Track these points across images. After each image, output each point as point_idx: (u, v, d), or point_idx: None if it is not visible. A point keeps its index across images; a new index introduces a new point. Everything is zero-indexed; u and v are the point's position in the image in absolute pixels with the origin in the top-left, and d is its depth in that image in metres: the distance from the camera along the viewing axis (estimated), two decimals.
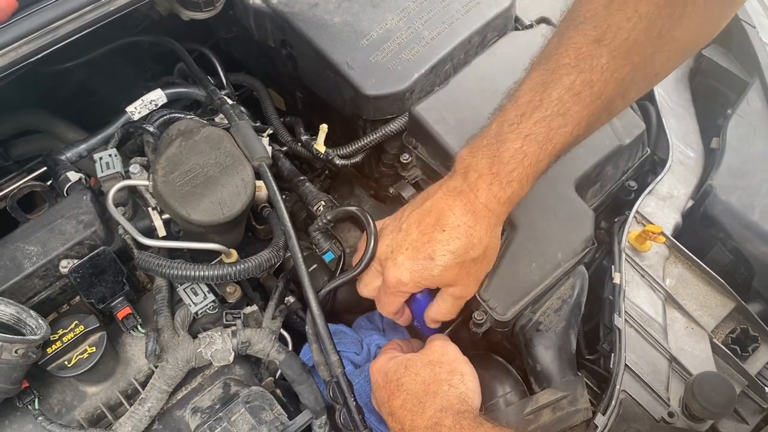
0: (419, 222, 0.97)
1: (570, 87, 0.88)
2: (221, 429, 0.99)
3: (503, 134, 0.91)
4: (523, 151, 0.90)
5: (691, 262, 1.17)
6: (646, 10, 0.84)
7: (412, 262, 0.97)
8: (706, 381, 0.97)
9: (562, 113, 0.89)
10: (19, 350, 0.89)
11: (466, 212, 0.94)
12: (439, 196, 0.96)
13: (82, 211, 1.08)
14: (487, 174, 0.92)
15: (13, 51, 0.97)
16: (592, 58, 0.87)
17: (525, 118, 0.90)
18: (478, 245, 0.95)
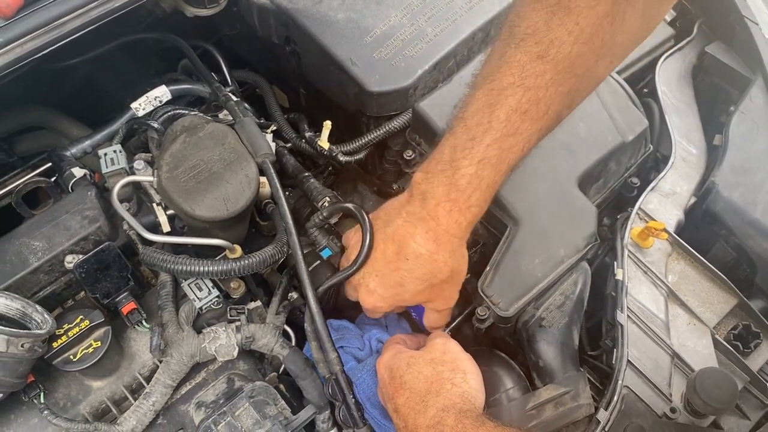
0: (383, 250, 0.99)
1: (517, 107, 0.87)
2: (225, 423, 1.00)
3: (457, 160, 0.91)
4: (478, 176, 0.90)
5: (694, 259, 1.18)
6: (587, 21, 0.83)
7: (384, 289, 1.00)
8: (708, 377, 0.97)
9: (512, 133, 0.89)
10: (25, 344, 0.90)
11: (428, 240, 0.94)
12: (399, 222, 0.97)
13: (87, 206, 1.08)
14: (445, 201, 0.92)
15: (19, 47, 0.97)
16: (536, 76, 0.86)
17: (476, 142, 0.89)
18: (443, 269, 0.97)
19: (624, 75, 1.40)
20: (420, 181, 0.95)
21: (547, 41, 0.85)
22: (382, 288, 1.00)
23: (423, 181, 0.95)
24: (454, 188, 0.91)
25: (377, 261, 1.00)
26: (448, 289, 1.02)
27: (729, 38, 1.46)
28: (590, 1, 0.82)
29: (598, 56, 0.88)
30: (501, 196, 1.13)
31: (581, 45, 0.85)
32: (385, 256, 0.99)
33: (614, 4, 0.83)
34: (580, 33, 0.84)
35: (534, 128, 0.90)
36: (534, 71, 0.86)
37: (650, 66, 1.46)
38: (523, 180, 1.15)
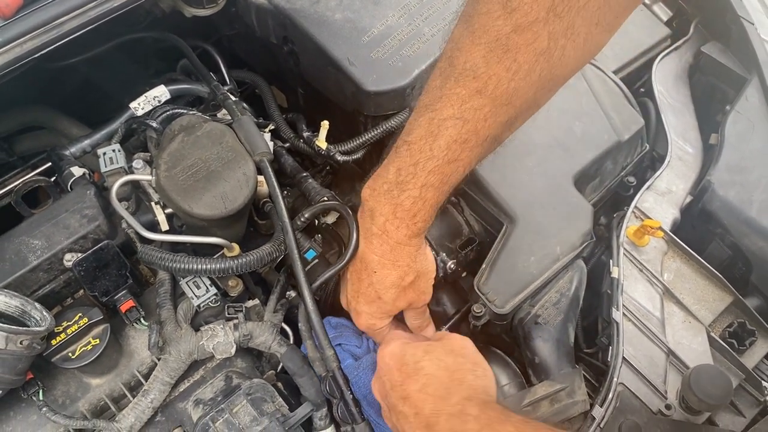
0: (354, 270, 1.05)
1: (457, 138, 0.90)
2: (223, 420, 1.00)
3: (402, 183, 0.94)
4: (422, 198, 0.94)
5: (689, 257, 1.18)
6: (525, 59, 0.84)
7: (368, 306, 1.05)
8: (703, 374, 0.98)
9: (453, 160, 0.92)
10: (23, 341, 0.90)
11: (385, 251, 0.99)
12: (360, 242, 1.02)
13: (86, 205, 1.09)
14: (392, 218, 0.96)
15: (18, 47, 0.98)
16: (475, 109, 0.88)
17: (419, 168, 0.92)
18: (408, 272, 1.01)
19: (621, 75, 1.41)
20: (367, 198, 1.00)
21: (486, 77, 0.86)
22: (366, 305, 1.05)
23: (370, 198, 0.99)
24: (399, 208, 0.95)
25: (353, 282, 1.05)
26: (419, 288, 1.06)
27: (725, 38, 1.47)
28: (528, 38, 0.83)
29: (537, 89, 0.90)
30: (497, 195, 1.14)
31: (519, 80, 0.86)
32: (359, 275, 1.04)
33: (551, 40, 0.84)
34: (518, 69, 0.85)
35: (474, 154, 0.93)
36: (473, 105, 0.88)
37: (647, 66, 1.47)
38: (519, 178, 1.16)
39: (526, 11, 0.81)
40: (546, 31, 0.82)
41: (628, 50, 1.45)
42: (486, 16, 0.84)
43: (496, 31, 0.84)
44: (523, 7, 0.81)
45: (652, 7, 1.55)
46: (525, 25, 0.82)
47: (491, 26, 0.84)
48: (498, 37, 0.84)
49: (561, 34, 0.83)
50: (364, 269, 1.02)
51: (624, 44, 1.45)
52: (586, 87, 1.27)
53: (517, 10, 0.82)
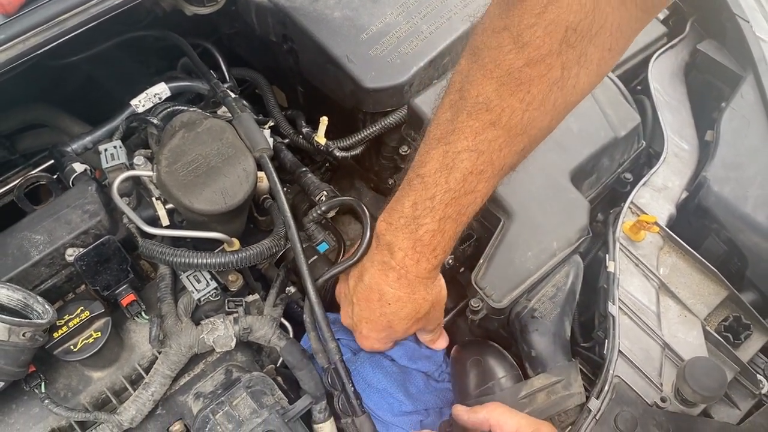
0: (366, 299, 1.03)
1: (473, 170, 0.90)
2: (223, 413, 1.01)
3: (418, 217, 0.94)
4: (441, 231, 0.94)
5: (685, 252, 1.19)
6: (539, 89, 0.84)
7: (376, 333, 1.06)
8: (698, 366, 0.99)
9: (470, 192, 0.92)
10: (26, 333, 0.91)
11: (402, 285, 0.99)
12: (373, 272, 1.01)
13: (88, 201, 1.10)
14: (412, 253, 0.96)
15: (21, 44, 0.99)
16: (490, 141, 0.88)
17: (436, 202, 0.92)
18: (423, 305, 1.02)
19: (617, 72, 1.42)
20: (384, 232, 0.99)
21: (499, 110, 0.86)
22: (374, 332, 1.06)
23: (387, 233, 0.98)
24: (419, 243, 0.95)
25: (363, 309, 1.04)
26: (431, 317, 1.08)
27: (721, 36, 1.48)
28: (541, 70, 0.82)
29: (552, 117, 0.90)
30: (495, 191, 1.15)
31: (533, 111, 0.86)
32: (369, 304, 1.03)
33: (565, 70, 0.83)
34: (531, 100, 0.85)
35: (490, 184, 0.93)
36: (487, 137, 0.88)
37: (643, 63, 1.48)
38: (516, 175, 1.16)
39: (538, 45, 0.80)
40: (559, 62, 0.82)
41: None
42: (497, 51, 0.83)
43: (508, 65, 0.83)
44: (535, 41, 0.80)
45: None
46: (538, 59, 0.81)
47: (502, 60, 0.83)
48: (510, 71, 0.83)
49: (574, 62, 0.83)
50: (377, 300, 1.01)
51: None
52: None
53: (529, 45, 0.81)
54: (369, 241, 1.04)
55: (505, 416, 0.94)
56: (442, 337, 1.16)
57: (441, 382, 1.20)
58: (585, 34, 0.80)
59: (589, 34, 0.80)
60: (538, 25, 0.80)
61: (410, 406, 1.14)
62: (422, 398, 1.16)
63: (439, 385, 1.19)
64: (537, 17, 0.79)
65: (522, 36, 0.81)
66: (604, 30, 0.81)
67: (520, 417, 0.93)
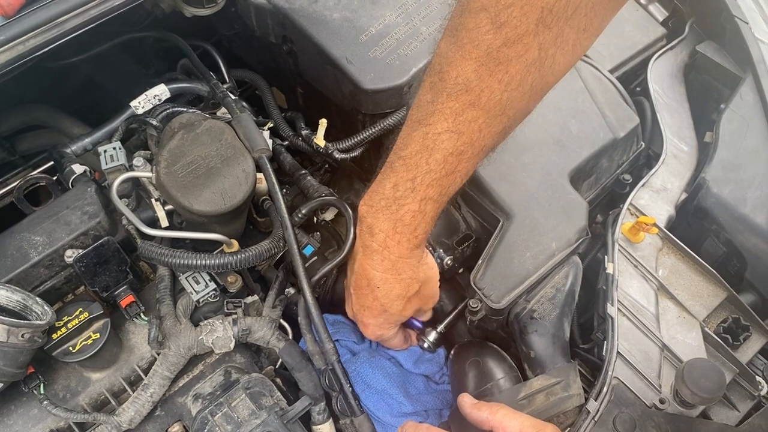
0: (357, 286, 1.05)
1: (453, 150, 0.91)
2: (222, 414, 1.01)
3: (400, 198, 0.95)
4: (422, 211, 0.95)
5: (684, 253, 1.19)
6: (517, 69, 0.85)
7: (374, 319, 1.07)
8: (696, 367, 0.99)
9: (451, 172, 0.93)
10: (25, 335, 0.92)
11: (386, 267, 1.00)
12: (360, 258, 1.02)
13: (87, 202, 1.10)
14: (392, 234, 0.97)
15: (20, 45, 0.99)
16: (470, 122, 0.89)
17: (417, 183, 0.93)
18: (411, 284, 1.03)
19: (616, 74, 1.42)
20: (365, 214, 1.00)
21: (478, 90, 0.87)
22: (372, 318, 1.07)
23: (368, 215, 0.99)
24: (399, 223, 0.96)
25: (359, 297, 1.06)
26: (425, 293, 1.08)
27: (720, 37, 1.48)
28: (519, 50, 0.83)
29: (529, 98, 0.91)
30: (493, 191, 1.15)
31: (512, 91, 0.87)
32: (362, 291, 1.04)
33: (542, 50, 0.84)
34: (510, 80, 0.86)
35: (470, 165, 0.94)
36: (467, 117, 0.89)
37: (642, 65, 1.48)
38: (515, 175, 1.17)
39: (515, 25, 0.81)
40: (536, 42, 0.83)
41: (624, 50, 1.46)
42: (475, 31, 0.84)
43: (486, 45, 0.84)
44: (512, 21, 0.81)
45: (648, 6, 1.56)
46: (515, 38, 0.82)
47: (481, 40, 0.84)
48: (489, 51, 0.84)
49: (551, 43, 0.84)
50: (367, 285, 1.02)
51: (620, 44, 1.46)
52: (581, 85, 1.29)
53: (506, 24, 0.82)
54: (353, 237, 1.06)
55: (508, 418, 0.94)
56: None
57: (441, 383, 1.20)
58: (561, 15, 0.81)
59: (564, 14, 0.81)
60: (515, 5, 0.80)
61: (409, 407, 1.14)
62: (422, 399, 1.16)
63: (439, 386, 1.19)
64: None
65: (499, 16, 0.82)
66: (579, 11, 0.82)
67: (524, 419, 0.93)
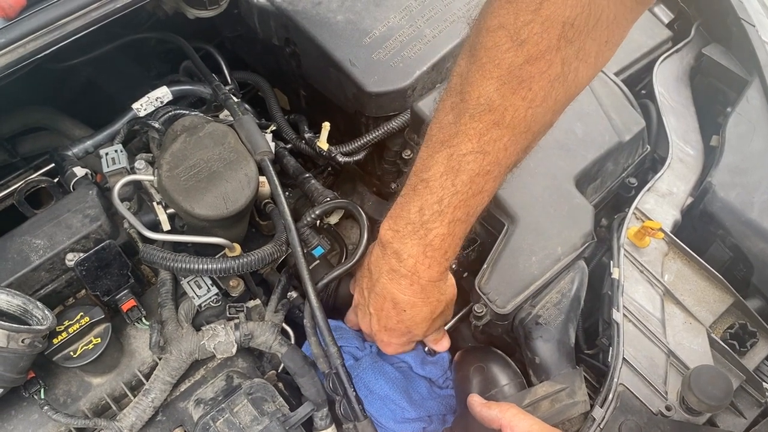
0: (380, 308, 1.03)
1: (479, 171, 0.89)
2: (224, 420, 1.00)
3: (427, 222, 0.93)
4: (451, 234, 0.94)
5: (690, 258, 1.18)
6: (540, 86, 0.83)
7: (397, 339, 1.07)
8: (703, 374, 0.97)
9: (478, 192, 0.91)
10: (25, 340, 0.91)
11: (415, 291, 0.99)
12: (384, 281, 1.00)
13: (88, 205, 1.09)
14: (422, 258, 0.96)
15: (22, 47, 0.99)
16: (495, 141, 0.87)
17: (444, 206, 0.92)
18: (437, 306, 1.03)
19: (622, 76, 1.41)
20: (390, 240, 0.98)
21: (502, 109, 0.85)
22: (395, 338, 1.07)
23: (394, 241, 0.97)
24: (429, 248, 0.95)
25: (381, 319, 1.05)
26: (446, 313, 1.09)
27: (726, 40, 1.47)
28: (541, 66, 0.82)
29: (554, 112, 0.89)
30: (498, 195, 1.14)
31: (536, 107, 0.86)
32: (385, 313, 1.03)
33: (565, 65, 0.83)
34: (534, 98, 0.84)
35: (497, 183, 0.93)
36: (492, 137, 0.87)
37: (648, 68, 1.47)
38: (520, 179, 1.16)
39: (536, 41, 0.80)
40: (559, 58, 0.82)
41: (630, 52, 1.45)
42: (494, 50, 0.83)
43: (507, 63, 0.82)
44: (533, 37, 0.80)
45: (654, 9, 1.55)
46: (537, 55, 0.81)
47: (501, 59, 0.82)
48: (510, 69, 0.82)
49: (573, 57, 0.83)
50: (393, 308, 1.01)
51: (625, 46, 1.43)
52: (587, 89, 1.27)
53: (527, 42, 0.80)
54: (367, 242, 1.05)
55: (517, 418, 0.93)
56: (445, 338, 1.15)
57: (445, 388, 1.19)
58: (582, 29, 0.80)
59: (586, 28, 0.80)
60: (535, 21, 0.79)
61: (413, 413, 1.13)
62: (425, 405, 1.15)
63: (443, 391, 1.19)
64: (533, 14, 0.79)
65: (519, 34, 0.80)
66: (600, 23, 0.81)
67: (534, 421, 0.93)
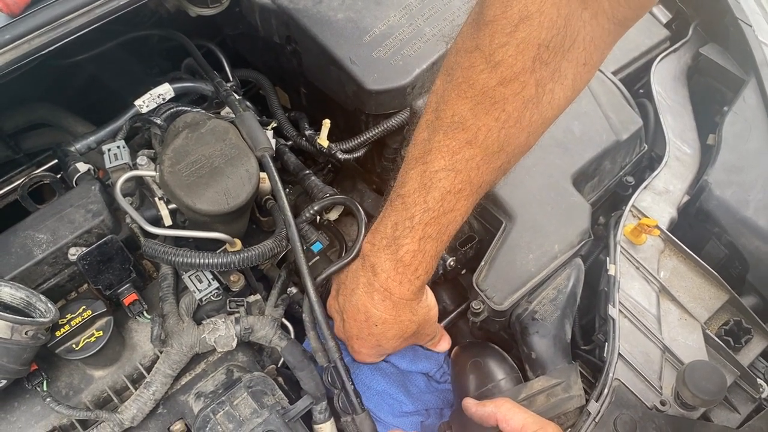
0: (354, 318, 1.03)
1: (450, 189, 0.90)
2: (224, 412, 1.02)
3: (399, 237, 0.94)
4: (422, 251, 0.94)
5: (686, 255, 1.19)
6: (514, 107, 0.83)
7: (367, 349, 1.07)
8: (697, 369, 0.99)
9: (449, 210, 0.92)
10: (28, 332, 0.92)
11: (387, 308, 0.99)
12: (360, 293, 1.01)
13: (91, 200, 1.10)
14: (394, 275, 0.96)
15: (26, 44, 0.99)
16: (467, 160, 0.88)
17: (416, 222, 0.92)
18: (409, 326, 1.02)
19: (620, 76, 1.42)
20: (368, 253, 1.00)
21: (475, 129, 0.86)
22: (365, 348, 1.07)
23: (371, 254, 0.99)
24: (400, 264, 0.95)
25: (353, 327, 1.05)
26: (424, 332, 1.08)
27: (723, 40, 1.48)
28: (515, 88, 0.82)
29: (528, 133, 0.89)
30: (496, 193, 1.15)
31: (509, 128, 0.86)
32: (357, 323, 1.03)
33: (539, 87, 0.82)
34: (507, 119, 0.84)
35: (469, 202, 0.93)
36: (464, 156, 0.88)
37: (646, 67, 1.48)
38: (518, 177, 1.17)
39: (510, 63, 0.80)
40: (533, 79, 0.82)
41: (627, 52, 1.46)
42: (469, 70, 0.83)
43: (481, 84, 0.83)
44: (507, 60, 0.80)
45: (652, 9, 1.56)
46: (511, 77, 0.81)
47: (476, 80, 0.83)
48: (484, 90, 0.83)
49: (548, 79, 0.82)
50: (365, 321, 1.02)
51: (623, 46, 1.46)
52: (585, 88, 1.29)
53: (501, 64, 0.80)
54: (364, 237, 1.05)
55: (512, 412, 0.94)
56: (444, 340, 1.16)
57: (442, 382, 1.20)
58: (557, 50, 0.80)
59: (561, 49, 0.80)
60: (510, 44, 0.79)
61: (410, 407, 1.14)
62: (423, 398, 1.16)
63: (440, 385, 1.20)
64: (508, 36, 0.79)
65: (494, 56, 0.80)
66: (576, 45, 0.80)
67: (527, 414, 0.94)
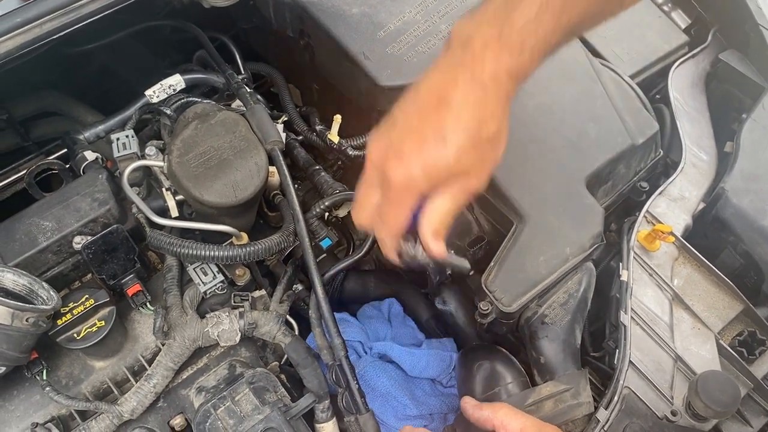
0: (417, 104, 0.80)
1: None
2: (225, 408, 1.00)
3: (513, 1, 0.76)
4: (538, 19, 0.75)
5: (700, 264, 1.17)
6: None
7: (421, 151, 0.78)
8: (711, 380, 0.96)
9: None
10: (29, 319, 0.91)
11: (473, 86, 0.77)
12: (435, 74, 0.80)
13: (98, 189, 1.10)
14: (494, 43, 0.76)
15: (37, 27, 0.98)
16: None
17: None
18: (491, 120, 0.78)
19: (637, 80, 1.40)
20: (464, 25, 0.79)
21: None
22: (418, 150, 0.78)
23: (468, 24, 0.79)
24: (507, 29, 0.76)
25: (410, 120, 0.80)
26: (489, 155, 0.81)
27: (743, 46, 1.46)
28: None
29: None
30: (508, 193, 1.13)
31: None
32: (420, 110, 0.79)
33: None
34: None
35: (575, 12, 0.77)
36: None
37: (663, 72, 1.45)
38: (531, 178, 1.15)
39: None
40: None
41: (645, 56, 1.44)
42: None
43: None
44: None
45: (671, 14, 1.54)
46: None
47: None
48: None
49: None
50: (435, 102, 0.78)
51: (641, 50, 1.44)
52: (601, 90, 1.27)
53: None
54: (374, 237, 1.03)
55: (509, 417, 0.92)
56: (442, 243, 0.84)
57: (448, 387, 1.18)
58: None
59: None
60: None
61: (414, 410, 1.12)
62: (427, 402, 1.14)
63: (446, 390, 1.18)
64: None
65: None
66: None
67: (525, 419, 0.91)
